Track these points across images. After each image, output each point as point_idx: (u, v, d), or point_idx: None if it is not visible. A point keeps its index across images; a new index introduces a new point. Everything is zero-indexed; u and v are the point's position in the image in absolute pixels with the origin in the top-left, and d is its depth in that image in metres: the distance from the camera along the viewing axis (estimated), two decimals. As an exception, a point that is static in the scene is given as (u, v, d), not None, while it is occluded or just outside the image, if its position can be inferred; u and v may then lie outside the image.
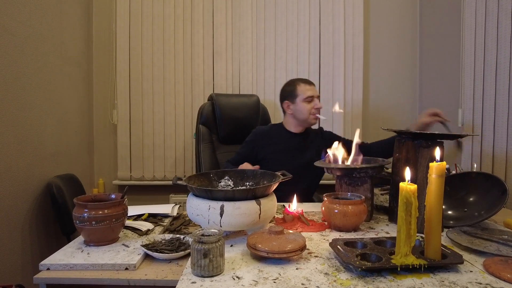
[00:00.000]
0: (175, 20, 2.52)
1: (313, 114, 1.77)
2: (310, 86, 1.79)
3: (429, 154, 1.14)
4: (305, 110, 1.76)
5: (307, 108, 1.76)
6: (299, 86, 1.79)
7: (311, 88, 1.78)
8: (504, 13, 1.70)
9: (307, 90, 1.77)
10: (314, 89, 1.80)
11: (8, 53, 1.66)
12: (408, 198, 0.83)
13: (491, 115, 1.78)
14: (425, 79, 2.57)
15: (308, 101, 1.76)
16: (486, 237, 1.06)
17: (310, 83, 1.81)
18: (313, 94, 1.77)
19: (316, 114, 1.77)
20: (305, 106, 1.76)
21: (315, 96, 1.77)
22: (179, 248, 1.02)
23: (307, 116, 1.76)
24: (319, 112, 1.77)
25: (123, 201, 1.12)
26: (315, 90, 1.80)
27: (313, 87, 1.80)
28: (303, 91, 1.77)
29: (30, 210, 1.81)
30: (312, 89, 1.78)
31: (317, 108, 1.77)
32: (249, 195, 1.05)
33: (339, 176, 1.32)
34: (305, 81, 1.81)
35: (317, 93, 1.80)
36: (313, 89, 1.79)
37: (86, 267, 0.94)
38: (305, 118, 1.77)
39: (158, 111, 2.55)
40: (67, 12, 2.21)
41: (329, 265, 0.90)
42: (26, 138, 1.78)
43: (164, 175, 2.57)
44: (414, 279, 0.81)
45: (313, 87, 1.80)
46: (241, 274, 0.84)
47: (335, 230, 1.18)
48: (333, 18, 2.54)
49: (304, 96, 1.76)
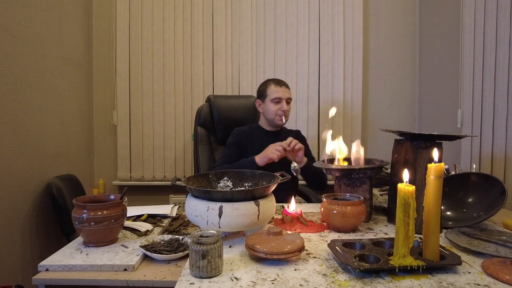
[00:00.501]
0: (175, 21, 2.52)
1: (279, 115, 1.77)
2: (280, 88, 1.78)
3: (428, 155, 1.14)
4: (271, 110, 1.78)
5: (274, 109, 1.77)
6: (270, 86, 1.80)
7: (281, 89, 1.78)
8: (503, 14, 1.71)
9: (276, 92, 1.77)
10: (285, 90, 1.79)
11: (8, 53, 1.67)
12: (406, 199, 0.83)
13: (490, 115, 1.78)
14: (424, 80, 2.57)
15: (275, 102, 1.77)
16: (485, 238, 1.06)
17: (281, 84, 1.80)
18: (281, 96, 1.76)
19: (282, 116, 1.77)
20: (272, 107, 1.78)
21: (283, 98, 1.77)
22: (178, 249, 1.02)
23: (273, 117, 1.78)
24: (285, 114, 1.77)
25: (122, 202, 1.12)
26: (284, 92, 1.78)
27: (283, 88, 1.79)
28: (272, 92, 1.78)
29: (30, 211, 1.81)
30: (282, 90, 1.78)
31: (283, 110, 1.76)
32: (247, 196, 1.05)
33: (338, 177, 1.32)
34: (277, 82, 1.81)
35: (286, 95, 1.78)
36: (283, 91, 1.78)
37: (84, 268, 0.94)
38: (272, 118, 1.79)
39: (158, 111, 2.55)
40: (67, 13, 2.21)
41: (327, 266, 0.90)
42: (26, 139, 1.79)
43: (164, 176, 2.58)
44: (412, 280, 0.81)
45: (284, 88, 1.80)
46: (239, 275, 0.85)
47: (334, 231, 1.18)
48: (332, 19, 2.54)
49: (272, 97, 1.77)
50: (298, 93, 2.56)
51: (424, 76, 2.57)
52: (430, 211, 0.88)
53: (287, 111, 1.79)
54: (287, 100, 1.79)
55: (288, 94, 1.81)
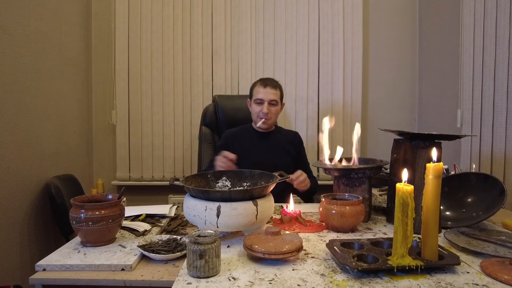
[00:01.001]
0: (174, 21, 2.52)
1: (260, 118, 1.71)
2: (264, 89, 1.70)
3: (427, 154, 1.14)
4: (253, 112, 1.74)
5: (255, 111, 1.73)
6: (255, 86, 1.75)
7: (263, 90, 1.70)
8: (502, 13, 1.70)
9: (259, 93, 1.71)
10: (268, 92, 1.70)
11: (7, 53, 1.66)
12: (405, 199, 0.83)
13: (489, 115, 1.77)
14: (424, 80, 2.56)
15: (257, 103, 1.71)
16: (484, 238, 1.06)
17: (266, 85, 1.71)
18: (262, 97, 1.69)
19: (262, 118, 1.70)
20: (254, 108, 1.73)
21: (265, 99, 1.69)
22: (175, 249, 1.02)
23: (255, 118, 1.74)
24: (266, 117, 1.69)
25: (120, 201, 1.12)
26: (267, 94, 1.69)
27: (267, 89, 1.70)
28: (255, 92, 1.73)
29: (29, 211, 1.81)
30: (264, 91, 1.69)
31: (263, 112, 1.69)
32: (246, 196, 1.04)
33: (337, 177, 1.32)
34: (263, 83, 1.73)
35: (269, 97, 1.69)
36: (265, 92, 1.69)
37: (82, 268, 0.94)
38: (254, 119, 1.75)
39: (157, 111, 2.55)
40: (66, 13, 2.21)
41: (325, 266, 0.89)
42: (24, 139, 1.78)
43: (163, 176, 2.57)
44: (410, 280, 0.81)
45: (268, 89, 1.70)
46: (237, 275, 0.84)
47: (333, 230, 1.18)
48: (332, 18, 2.54)
49: (254, 98, 1.72)
50: (298, 93, 2.56)
51: (423, 75, 2.57)
52: (429, 211, 0.88)
53: (268, 113, 1.69)
54: (270, 101, 1.70)
55: (272, 95, 1.70)
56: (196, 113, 2.55)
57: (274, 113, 1.74)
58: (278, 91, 1.75)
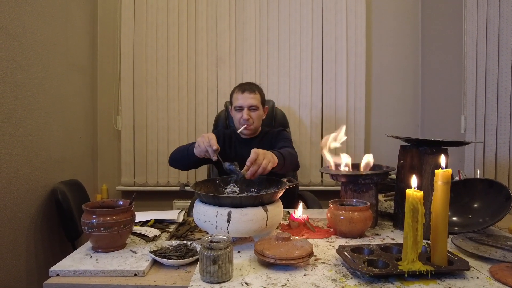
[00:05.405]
0: (179, 27, 2.54)
1: (241, 125, 1.64)
2: (242, 95, 1.65)
3: (434, 160, 1.15)
4: (235, 119, 1.69)
5: (236, 118, 1.67)
6: (234, 93, 1.70)
7: (241, 96, 1.64)
8: (505, 19, 1.73)
9: (237, 99, 1.65)
10: (246, 97, 1.64)
11: (15, 60, 1.68)
12: (415, 205, 0.84)
13: (493, 121, 1.79)
14: (427, 86, 2.58)
15: (237, 110, 1.66)
16: (492, 243, 1.07)
17: (243, 90, 1.66)
18: (241, 104, 1.63)
19: (244, 124, 1.63)
20: (235, 115, 1.68)
21: (244, 105, 1.63)
22: (186, 254, 1.03)
23: (237, 125, 1.67)
24: (245, 123, 1.63)
25: (131, 207, 1.13)
26: (245, 99, 1.64)
27: (245, 95, 1.64)
28: (234, 99, 1.68)
29: (35, 216, 1.82)
30: (243, 97, 1.64)
31: (244, 119, 1.63)
32: (256, 202, 1.06)
33: (344, 183, 1.33)
34: (241, 89, 1.67)
35: (248, 102, 1.63)
36: (243, 98, 1.64)
37: (95, 273, 0.95)
38: (237, 126, 1.68)
39: (162, 117, 2.56)
40: (73, 20, 2.24)
41: (336, 271, 0.90)
42: (31, 144, 1.80)
43: (167, 181, 2.58)
44: (421, 285, 0.82)
45: (246, 94, 1.64)
46: (249, 280, 0.85)
47: (341, 236, 1.19)
48: (335, 26, 2.56)
49: (234, 105, 1.67)
50: (302, 99, 2.58)
51: (427, 82, 2.59)
52: (438, 217, 0.89)
53: (248, 119, 1.62)
54: (250, 107, 1.63)
55: (251, 100, 1.63)
56: (200, 119, 2.57)
57: (256, 118, 1.67)
58: (257, 95, 1.68)
